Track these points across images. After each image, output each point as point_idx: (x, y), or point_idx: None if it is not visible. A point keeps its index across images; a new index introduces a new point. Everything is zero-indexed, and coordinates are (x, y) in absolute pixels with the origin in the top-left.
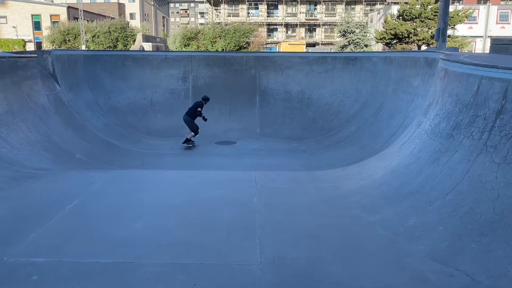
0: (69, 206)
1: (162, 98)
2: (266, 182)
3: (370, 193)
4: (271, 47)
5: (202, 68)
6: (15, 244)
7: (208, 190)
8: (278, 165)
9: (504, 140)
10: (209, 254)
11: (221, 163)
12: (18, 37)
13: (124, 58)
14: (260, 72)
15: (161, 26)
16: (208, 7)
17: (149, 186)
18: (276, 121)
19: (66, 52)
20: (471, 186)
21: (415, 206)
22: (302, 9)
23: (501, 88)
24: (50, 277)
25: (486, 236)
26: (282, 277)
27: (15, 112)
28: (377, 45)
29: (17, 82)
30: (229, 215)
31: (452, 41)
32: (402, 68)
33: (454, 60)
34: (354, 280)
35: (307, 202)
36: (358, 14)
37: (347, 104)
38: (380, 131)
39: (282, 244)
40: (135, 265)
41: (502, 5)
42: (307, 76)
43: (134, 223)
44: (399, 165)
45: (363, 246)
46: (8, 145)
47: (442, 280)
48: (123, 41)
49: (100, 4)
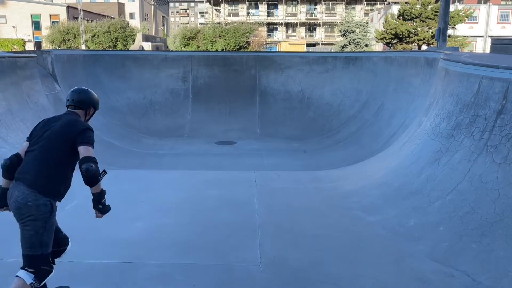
0: (69, 206)
1: (162, 98)
2: (266, 182)
3: (370, 193)
4: (271, 47)
5: (202, 68)
6: (15, 244)
7: (208, 190)
8: (278, 165)
9: (505, 140)
10: (209, 254)
11: (221, 163)
12: (18, 37)
13: (123, 58)
14: (260, 72)
15: (161, 26)
16: (208, 6)
17: (149, 186)
18: (276, 121)
19: (65, 52)
20: (471, 186)
21: (415, 206)
22: (302, 8)
23: (501, 88)
24: (50, 277)
25: (487, 236)
26: (282, 277)
27: (14, 112)
28: (378, 45)
29: (17, 82)
30: (229, 215)
31: (453, 41)
32: (402, 68)
33: (454, 60)
34: (354, 280)
35: (307, 202)
36: (359, 14)
37: (348, 104)
38: (381, 131)
39: (282, 244)
40: (135, 265)
41: (502, 4)
42: (307, 76)
43: (134, 223)
44: (399, 165)
45: (363, 246)
46: (7, 145)
47: (442, 280)
48: (122, 41)
49: (99, 4)
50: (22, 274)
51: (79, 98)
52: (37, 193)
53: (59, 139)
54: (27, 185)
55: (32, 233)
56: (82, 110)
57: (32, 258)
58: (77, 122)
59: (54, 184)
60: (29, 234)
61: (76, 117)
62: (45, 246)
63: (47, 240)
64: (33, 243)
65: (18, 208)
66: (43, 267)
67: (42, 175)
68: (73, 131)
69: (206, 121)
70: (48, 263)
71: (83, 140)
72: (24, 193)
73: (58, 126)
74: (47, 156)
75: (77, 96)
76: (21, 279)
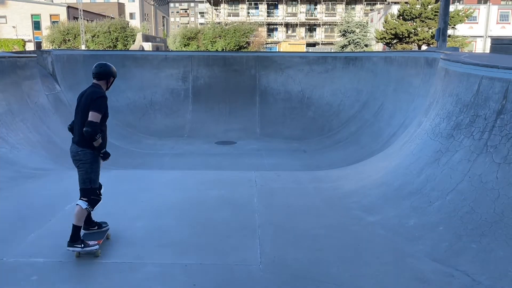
0: (69, 206)
1: (162, 98)
2: (266, 182)
3: (370, 193)
4: (271, 47)
5: (202, 68)
6: (15, 244)
7: (208, 190)
8: (278, 165)
9: (505, 140)
10: (209, 254)
11: (221, 163)
12: (18, 37)
13: (124, 58)
14: (260, 72)
15: (161, 26)
16: (208, 6)
17: (149, 186)
18: (276, 121)
19: (66, 52)
20: (471, 186)
21: (415, 206)
22: (302, 8)
23: (501, 88)
24: (50, 277)
25: (486, 236)
26: (282, 277)
27: (14, 112)
28: (377, 45)
29: (17, 82)
30: (229, 215)
31: (453, 41)
32: (402, 68)
33: (454, 60)
34: (354, 280)
35: (307, 202)
36: (358, 14)
37: (347, 104)
38: (381, 131)
39: (282, 244)
40: (135, 265)
41: (502, 5)
42: (307, 76)
43: (134, 223)
44: (399, 165)
45: (363, 246)
46: (8, 145)
47: (442, 280)
48: (123, 41)
49: (100, 4)
50: (80, 202)
51: (99, 71)
52: (78, 147)
53: (84, 109)
54: (74, 142)
55: (83, 173)
56: (103, 80)
57: (84, 190)
58: (92, 93)
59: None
60: (81, 174)
61: (95, 88)
62: (93, 182)
63: (94, 178)
64: (84, 180)
65: (72, 158)
66: (93, 197)
67: (79, 135)
68: (88, 102)
69: (206, 121)
70: (96, 194)
71: (92, 107)
72: (73, 147)
73: (83, 99)
74: (80, 122)
75: (97, 70)
76: (79, 206)
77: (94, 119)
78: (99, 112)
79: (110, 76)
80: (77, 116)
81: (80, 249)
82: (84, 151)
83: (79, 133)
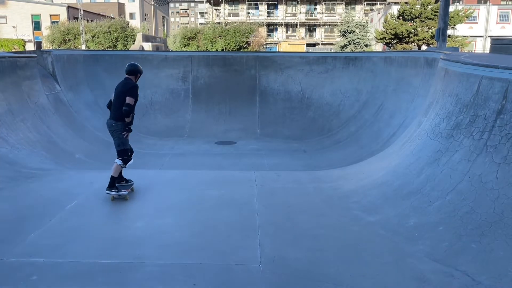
0: (69, 206)
1: (162, 98)
2: (266, 182)
3: (370, 193)
4: (271, 47)
5: (202, 68)
6: (15, 244)
7: (208, 190)
8: (278, 165)
9: (504, 140)
10: (209, 254)
11: (221, 163)
12: (18, 37)
13: (124, 58)
14: (260, 72)
15: (161, 26)
16: (208, 7)
17: (149, 186)
18: (276, 121)
19: (66, 52)
20: (471, 186)
21: (415, 206)
22: (302, 9)
23: (501, 88)
24: (50, 277)
25: (486, 236)
26: (282, 277)
27: (15, 112)
28: (377, 45)
29: (17, 82)
30: (229, 215)
31: (452, 41)
32: (402, 68)
33: (454, 60)
34: (354, 280)
35: (307, 202)
36: (358, 14)
37: (347, 104)
38: (380, 131)
39: (282, 244)
40: (135, 265)
41: (502, 5)
42: (307, 76)
43: (134, 223)
44: (399, 165)
45: (363, 246)
46: (8, 145)
47: (442, 280)
48: (123, 41)
49: (100, 4)
50: (116, 160)
51: (130, 69)
52: (113, 120)
53: (120, 95)
54: (110, 117)
55: (117, 139)
56: (133, 75)
57: (119, 152)
58: (126, 84)
59: (120, 116)
60: (115, 140)
61: (128, 80)
62: (124, 144)
63: (125, 142)
64: (118, 144)
65: (108, 128)
66: (125, 157)
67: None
68: (124, 90)
69: (206, 121)
70: (128, 155)
71: (129, 94)
72: (109, 121)
73: (120, 88)
74: (117, 103)
75: (129, 68)
76: (115, 163)
77: (131, 102)
78: (133, 97)
79: (137, 72)
80: (115, 99)
81: (115, 193)
82: (117, 123)
83: (115, 111)
